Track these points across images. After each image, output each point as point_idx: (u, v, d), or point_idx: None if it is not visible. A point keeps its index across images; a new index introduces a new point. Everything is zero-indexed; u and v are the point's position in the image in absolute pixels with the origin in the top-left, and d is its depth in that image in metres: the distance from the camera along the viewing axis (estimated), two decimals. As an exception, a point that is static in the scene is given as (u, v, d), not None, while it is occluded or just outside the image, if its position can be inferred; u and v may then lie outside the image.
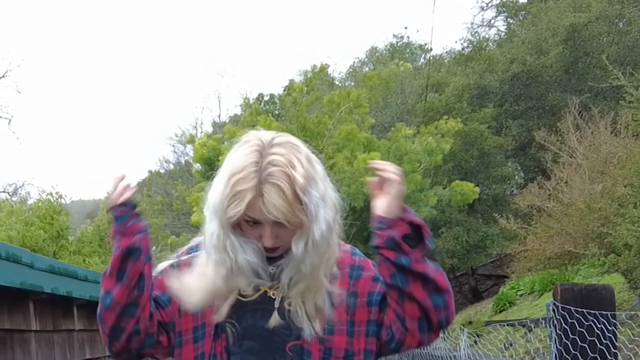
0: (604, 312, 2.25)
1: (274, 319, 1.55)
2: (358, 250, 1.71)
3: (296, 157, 1.48)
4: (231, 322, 1.57)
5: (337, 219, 1.57)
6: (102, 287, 1.58)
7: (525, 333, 10.66)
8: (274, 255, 1.55)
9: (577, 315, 2.30)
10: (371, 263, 1.67)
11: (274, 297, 1.57)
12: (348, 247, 1.69)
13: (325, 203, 1.51)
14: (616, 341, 2.38)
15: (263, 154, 1.46)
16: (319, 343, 1.54)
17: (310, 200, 1.46)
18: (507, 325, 10.81)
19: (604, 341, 2.23)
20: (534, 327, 10.01)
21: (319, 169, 1.54)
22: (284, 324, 1.55)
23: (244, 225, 1.51)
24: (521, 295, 14.69)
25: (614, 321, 2.25)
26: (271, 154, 1.46)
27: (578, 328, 2.29)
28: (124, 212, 1.58)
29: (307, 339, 1.54)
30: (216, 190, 1.49)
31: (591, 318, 2.28)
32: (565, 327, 2.31)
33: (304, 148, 1.54)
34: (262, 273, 1.55)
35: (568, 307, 2.28)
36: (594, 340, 2.26)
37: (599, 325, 2.24)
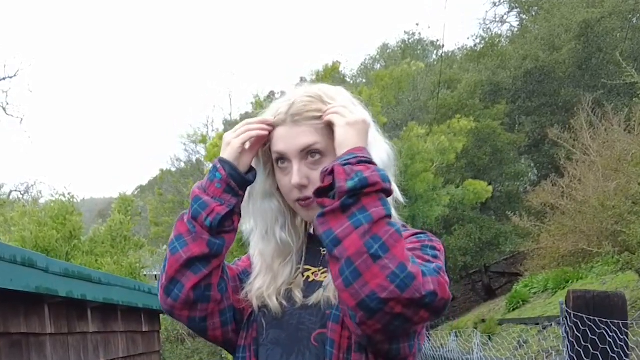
0: (615, 321, 2.26)
1: (318, 295, 1.37)
2: (427, 242, 1.38)
3: (331, 95, 1.37)
4: (262, 311, 1.41)
5: (394, 170, 1.40)
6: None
7: (539, 331, 10.63)
8: (308, 204, 1.37)
9: (589, 323, 2.31)
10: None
11: (315, 277, 1.42)
12: (423, 236, 1.41)
13: (374, 144, 1.36)
14: (627, 349, 2.39)
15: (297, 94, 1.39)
16: (348, 330, 1.31)
17: None
18: (521, 323, 10.79)
19: (615, 349, 2.23)
20: (549, 325, 10.00)
21: (363, 112, 1.38)
22: (314, 309, 1.36)
23: (279, 174, 1.41)
24: (535, 293, 14.63)
25: (626, 330, 2.25)
26: (304, 93, 1.38)
27: (590, 335, 2.30)
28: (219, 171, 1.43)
29: (333, 327, 1.31)
30: None
31: (603, 326, 2.28)
32: (578, 334, 2.32)
33: (347, 94, 1.42)
34: (284, 237, 1.43)
35: (580, 314, 2.29)
36: (606, 348, 2.27)
37: (610, 333, 2.25)
